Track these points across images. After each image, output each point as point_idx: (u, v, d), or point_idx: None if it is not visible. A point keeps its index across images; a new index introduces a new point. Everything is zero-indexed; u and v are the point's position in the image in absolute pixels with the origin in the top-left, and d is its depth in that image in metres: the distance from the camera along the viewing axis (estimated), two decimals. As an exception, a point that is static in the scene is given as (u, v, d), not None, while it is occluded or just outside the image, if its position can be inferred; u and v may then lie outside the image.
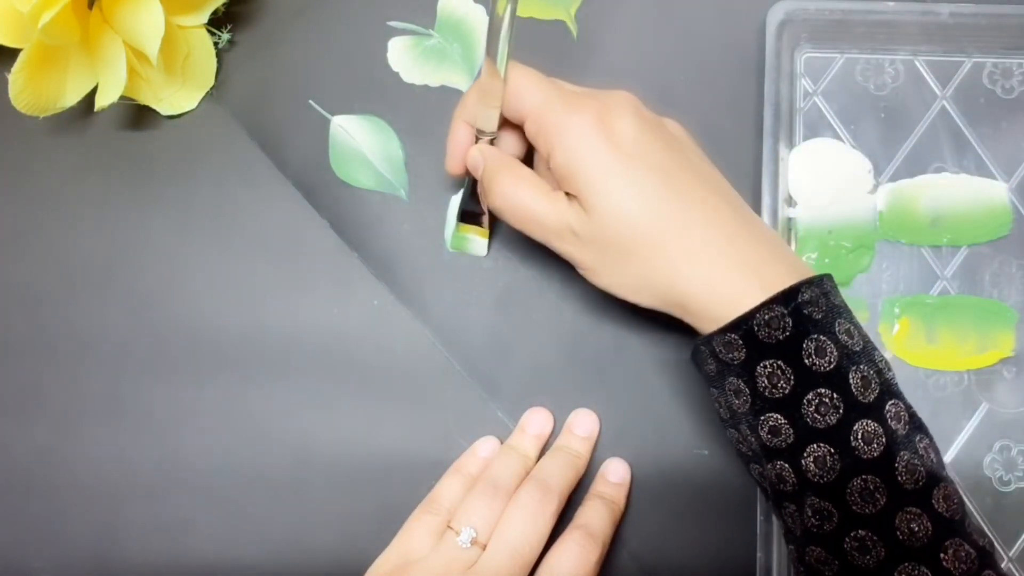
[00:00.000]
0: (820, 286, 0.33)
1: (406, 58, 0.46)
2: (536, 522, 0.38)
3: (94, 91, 0.43)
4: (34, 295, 0.45)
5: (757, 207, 0.43)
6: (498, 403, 0.43)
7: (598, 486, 0.41)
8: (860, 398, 0.32)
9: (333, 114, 0.46)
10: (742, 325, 0.33)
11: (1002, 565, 0.41)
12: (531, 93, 0.37)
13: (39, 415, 0.44)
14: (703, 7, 0.46)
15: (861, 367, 0.33)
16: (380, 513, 0.42)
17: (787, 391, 0.32)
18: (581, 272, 0.37)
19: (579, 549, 0.38)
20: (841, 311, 0.34)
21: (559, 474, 0.40)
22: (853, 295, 0.43)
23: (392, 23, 0.46)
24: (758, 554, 0.40)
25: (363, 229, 0.45)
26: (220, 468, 0.44)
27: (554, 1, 0.46)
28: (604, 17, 0.46)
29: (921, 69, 0.45)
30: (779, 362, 0.32)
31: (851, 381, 0.32)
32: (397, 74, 0.46)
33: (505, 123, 0.39)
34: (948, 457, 0.42)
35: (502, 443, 0.43)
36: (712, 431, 0.42)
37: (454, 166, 0.41)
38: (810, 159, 0.44)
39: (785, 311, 0.32)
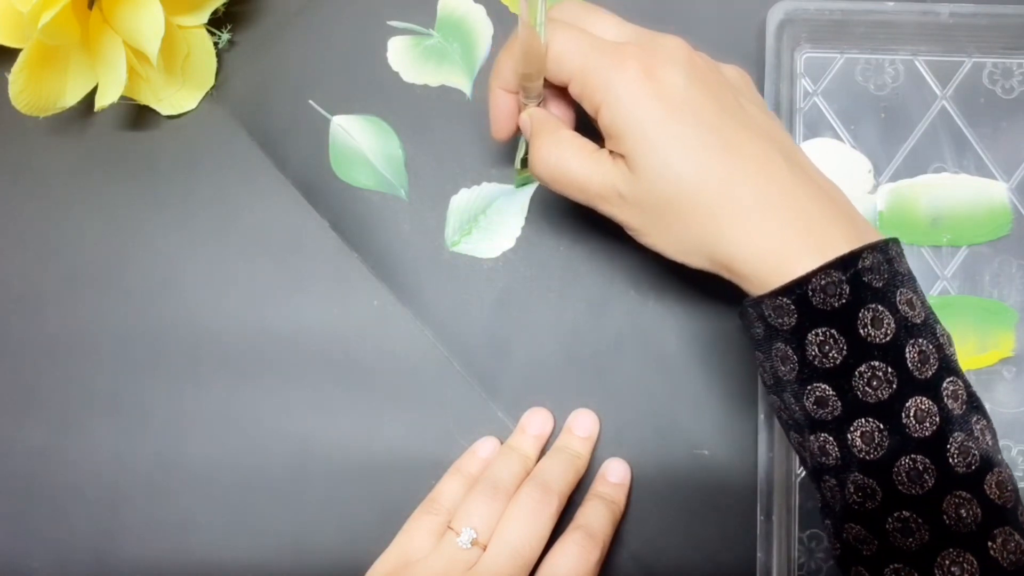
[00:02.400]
0: (884, 252, 0.32)
1: (406, 58, 0.46)
2: (536, 522, 0.38)
3: (94, 91, 0.43)
4: (34, 295, 0.45)
5: (757, 207, 0.43)
6: (498, 403, 0.43)
7: (598, 486, 0.41)
8: (916, 373, 0.31)
9: (333, 114, 0.46)
10: (795, 289, 0.31)
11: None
12: (572, 55, 0.34)
13: (39, 415, 0.44)
14: (703, 7, 0.46)
15: (920, 341, 0.31)
16: (380, 513, 0.42)
17: (838, 361, 0.31)
18: (628, 232, 0.36)
19: (579, 549, 0.38)
20: (904, 279, 0.32)
21: (559, 474, 0.40)
22: (853, 295, 0.43)
23: (392, 23, 0.46)
24: (758, 554, 0.40)
25: (363, 229, 0.45)
26: (220, 468, 0.44)
27: (554, 1, 0.46)
28: (604, 17, 0.46)
29: (921, 69, 0.45)
30: (832, 331, 0.31)
31: (908, 355, 0.31)
32: (397, 74, 0.46)
33: (547, 82, 0.37)
34: (948, 457, 0.42)
35: (502, 443, 0.43)
36: (712, 431, 0.42)
37: (499, 132, 0.39)
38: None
39: (843, 277, 0.30)
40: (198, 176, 0.46)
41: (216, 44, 0.46)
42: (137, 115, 0.46)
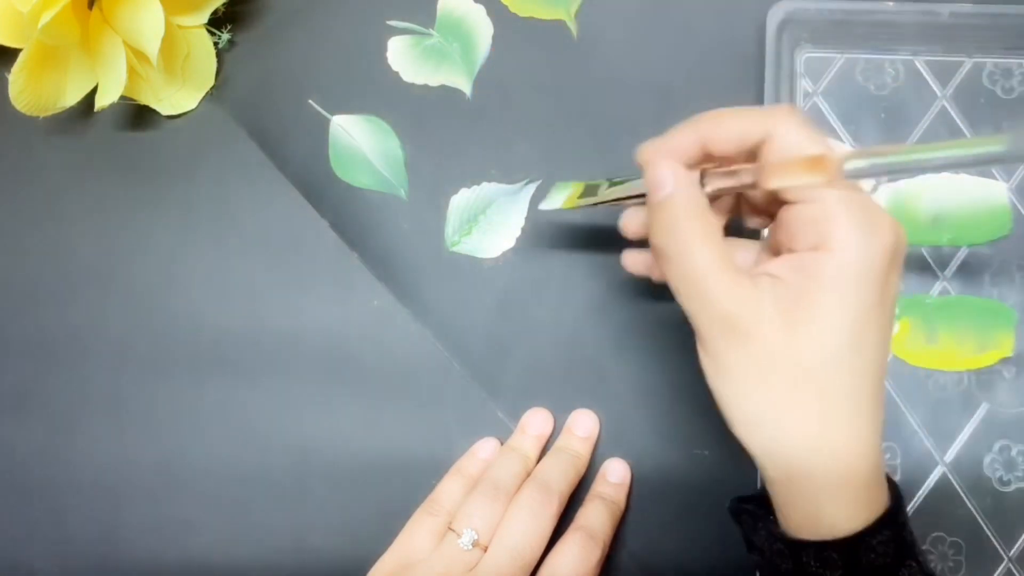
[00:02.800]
0: (901, 499, 0.31)
1: (406, 58, 0.46)
2: (537, 523, 0.38)
3: (94, 91, 0.43)
4: (34, 295, 0.45)
5: (757, 207, 0.43)
6: (498, 403, 0.43)
7: (598, 486, 0.42)
8: None
9: (333, 114, 0.46)
10: (847, 546, 0.29)
11: (1001, 565, 0.41)
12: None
13: (39, 415, 0.44)
14: (703, 7, 0.46)
15: None
16: (380, 514, 0.42)
17: None
18: (702, 357, 0.32)
19: (580, 550, 0.38)
20: (913, 527, 0.31)
21: (559, 475, 0.40)
22: (853, 295, 0.43)
23: (392, 23, 0.46)
24: (758, 554, 0.40)
25: (363, 229, 0.45)
26: (220, 468, 0.44)
27: (554, 1, 0.46)
28: (604, 17, 0.46)
29: (921, 69, 0.45)
30: None
31: None
32: (397, 74, 0.46)
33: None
34: (948, 457, 0.42)
35: (502, 444, 0.43)
36: (712, 431, 0.42)
37: (652, 155, 0.33)
38: (810, 159, 0.44)
39: (891, 535, 0.30)
40: (198, 176, 0.46)
41: (216, 44, 0.46)
42: (137, 115, 0.46)
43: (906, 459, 0.42)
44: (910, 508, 0.42)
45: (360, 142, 0.46)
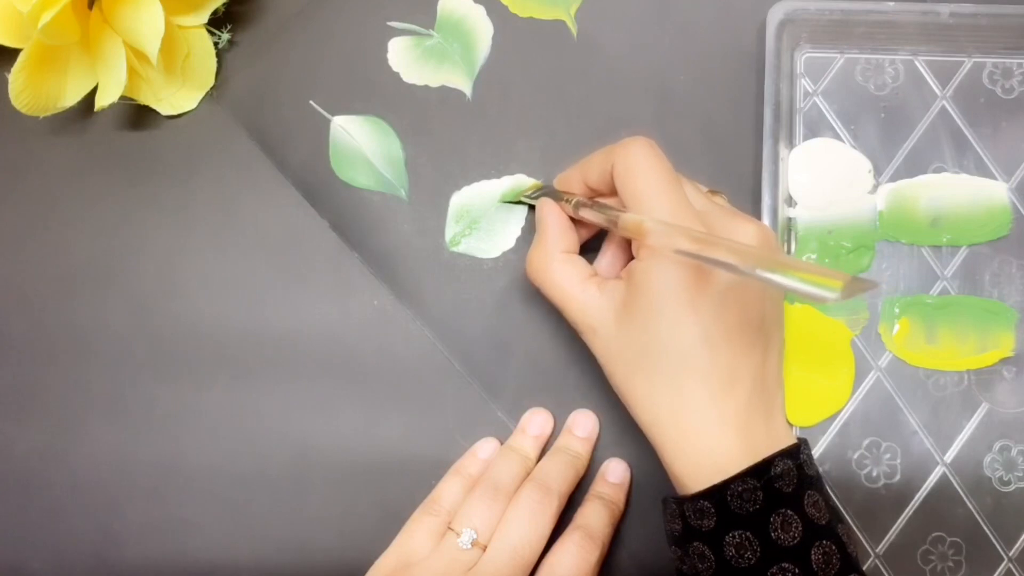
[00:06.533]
0: (794, 457, 0.34)
1: (406, 58, 0.46)
2: (536, 523, 0.38)
3: (94, 91, 0.43)
4: (34, 295, 0.45)
5: (757, 207, 0.43)
6: (498, 403, 0.43)
7: (598, 487, 0.42)
8: (820, 574, 0.33)
9: (333, 114, 0.46)
10: (715, 495, 0.33)
11: (1001, 565, 0.41)
12: (659, 201, 0.35)
13: (39, 415, 0.44)
14: (703, 7, 0.46)
15: (824, 543, 0.33)
16: (380, 513, 0.42)
17: (752, 562, 0.33)
18: (601, 365, 0.37)
19: (578, 550, 0.38)
20: (811, 482, 0.34)
21: (559, 475, 0.40)
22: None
23: (392, 23, 0.47)
24: (758, 554, 0.40)
25: (363, 229, 0.45)
26: (220, 468, 0.44)
27: (554, 1, 0.46)
28: (604, 17, 0.46)
29: (921, 69, 0.45)
30: (747, 534, 0.33)
31: (812, 557, 0.33)
32: (397, 74, 0.46)
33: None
34: (948, 457, 0.42)
35: (502, 444, 0.43)
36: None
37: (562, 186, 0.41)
38: (810, 159, 0.44)
39: (757, 484, 0.33)
40: (198, 176, 0.46)
41: (216, 44, 0.46)
42: (137, 115, 0.46)
43: (906, 459, 0.42)
44: (909, 508, 0.42)
45: (361, 142, 0.46)
